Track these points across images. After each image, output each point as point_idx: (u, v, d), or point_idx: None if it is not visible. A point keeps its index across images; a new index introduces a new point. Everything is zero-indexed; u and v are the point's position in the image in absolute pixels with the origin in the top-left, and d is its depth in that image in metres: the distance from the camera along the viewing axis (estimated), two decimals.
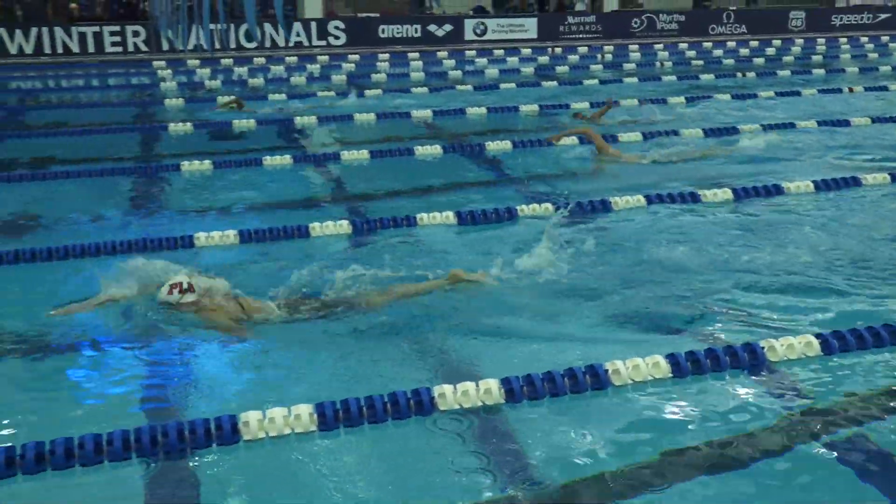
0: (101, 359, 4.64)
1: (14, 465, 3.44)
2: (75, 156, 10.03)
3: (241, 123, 11.84)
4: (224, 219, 7.24)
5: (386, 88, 15.73)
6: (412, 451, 3.74)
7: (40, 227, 7.25)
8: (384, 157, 9.61)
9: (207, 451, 3.62)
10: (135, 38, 22.61)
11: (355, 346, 4.73)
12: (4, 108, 14.52)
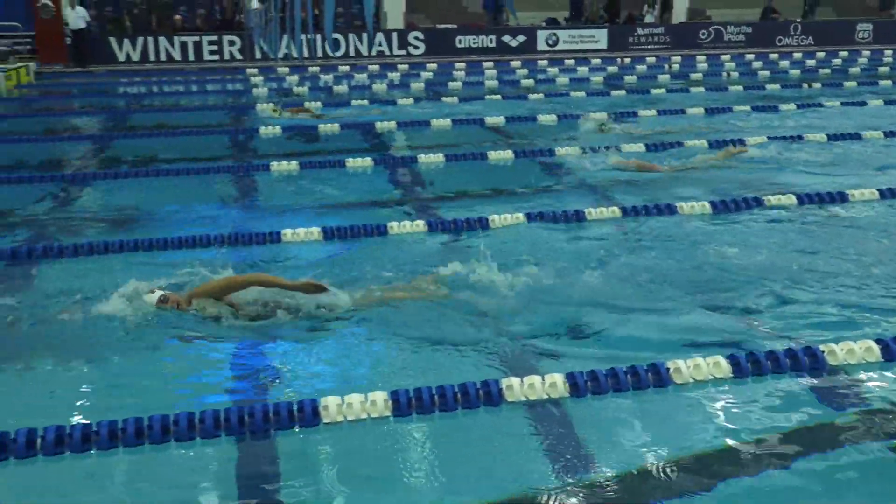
0: (192, 345, 4.72)
1: (116, 439, 3.56)
2: (175, 155, 10.29)
3: (326, 128, 11.99)
4: (309, 216, 7.33)
5: (461, 96, 15.74)
6: (480, 439, 3.74)
7: (143, 221, 7.44)
8: (458, 160, 9.61)
9: (290, 432, 3.68)
10: (230, 48, 23.14)
11: (429, 338, 4.74)
12: (114, 110, 14.98)
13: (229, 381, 4.37)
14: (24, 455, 3.47)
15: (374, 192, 8.50)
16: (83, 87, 18.51)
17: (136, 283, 5.08)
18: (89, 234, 6.83)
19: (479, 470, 3.46)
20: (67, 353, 4.56)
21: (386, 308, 5.06)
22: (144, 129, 12.60)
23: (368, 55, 23.66)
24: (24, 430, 3.52)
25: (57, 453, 3.49)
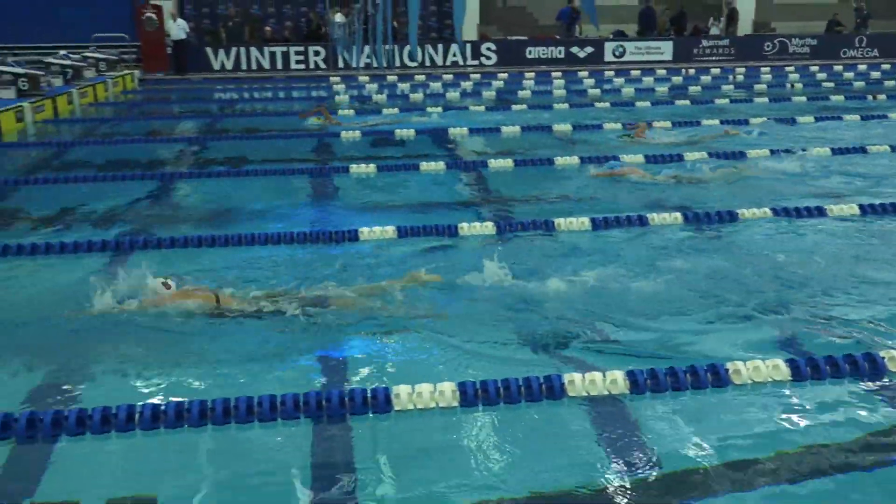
0: (273, 332, 4.82)
1: (205, 418, 3.66)
2: (263, 157, 10.50)
3: (402, 133, 12.08)
4: (385, 216, 7.40)
5: (531, 104, 15.67)
6: (541, 431, 3.72)
7: (232, 217, 7.61)
8: (527, 165, 9.58)
9: (363, 417, 3.73)
10: (315, 57, 23.50)
11: (496, 333, 4.74)
12: (208, 115, 15.38)
13: (307, 369, 4.43)
14: (123, 429, 3.60)
15: (447, 194, 8.52)
16: (181, 93, 19.05)
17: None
18: (184, 229, 7.02)
19: (539, 461, 3.44)
20: (162, 335, 4.71)
21: (458, 304, 5.08)
22: (235, 131, 12.90)
23: (443, 65, 23.75)
24: (125, 407, 3.65)
25: (153, 428, 3.61)
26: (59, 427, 3.58)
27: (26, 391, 4.10)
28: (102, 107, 16.80)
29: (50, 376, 4.30)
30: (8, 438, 3.53)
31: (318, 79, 21.42)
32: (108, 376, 4.32)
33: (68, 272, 5.88)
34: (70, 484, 3.34)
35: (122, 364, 4.42)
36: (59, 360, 4.47)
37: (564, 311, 4.98)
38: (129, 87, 20.01)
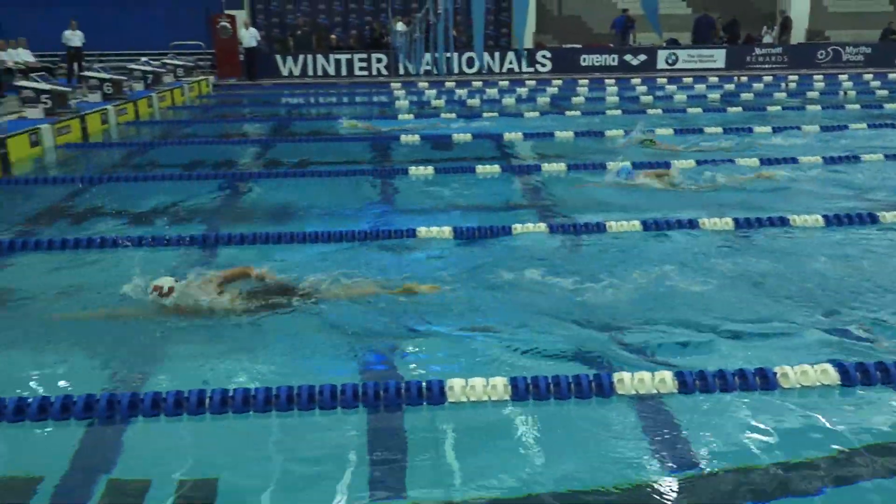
0: (336, 325, 4.87)
1: (270, 404, 3.73)
2: (328, 158, 10.65)
3: (459, 137, 12.10)
4: (442, 216, 7.41)
5: (584, 110, 15.53)
6: (590, 428, 3.68)
7: (297, 215, 7.72)
8: (579, 169, 9.49)
9: (418, 408, 3.75)
10: (378, 64, 23.70)
11: (548, 331, 4.71)
12: (277, 118, 15.63)
13: (366, 360, 4.47)
14: (194, 413, 3.69)
15: (501, 196, 8.50)
16: (252, 98, 19.41)
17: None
18: (253, 226, 7.14)
19: (586, 456, 3.41)
20: (232, 326, 4.80)
21: (512, 302, 5.07)
22: (301, 134, 13.06)
23: (499, 72, 23.71)
24: (196, 391, 3.74)
25: (222, 412, 3.69)
26: (136, 409, 3.69)
27: (107, 375, 4.23)
28: (179, 110, 17.22)
29: (126, 362, 4.42)
30: (90, 418, 3.65)
31: (379, 84, 21.60)
32: (181, 363, 4.42)
33: (145, 264, 6.04)
34: (143, 463, 3.43)
35: (192, 351, 4.53)
36: (134, 347, 4.58)
37: (614, 311, 4.92)
38: (204, 91, 20.47)
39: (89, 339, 4.66)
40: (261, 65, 22.90)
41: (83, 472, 3.32)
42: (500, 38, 26.97)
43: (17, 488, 3.20)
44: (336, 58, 23.66)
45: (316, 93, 20.31)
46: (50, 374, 4.25)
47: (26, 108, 12.85)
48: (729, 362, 4.10)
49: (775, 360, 4.04)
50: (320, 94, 19.94)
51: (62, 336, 4.69)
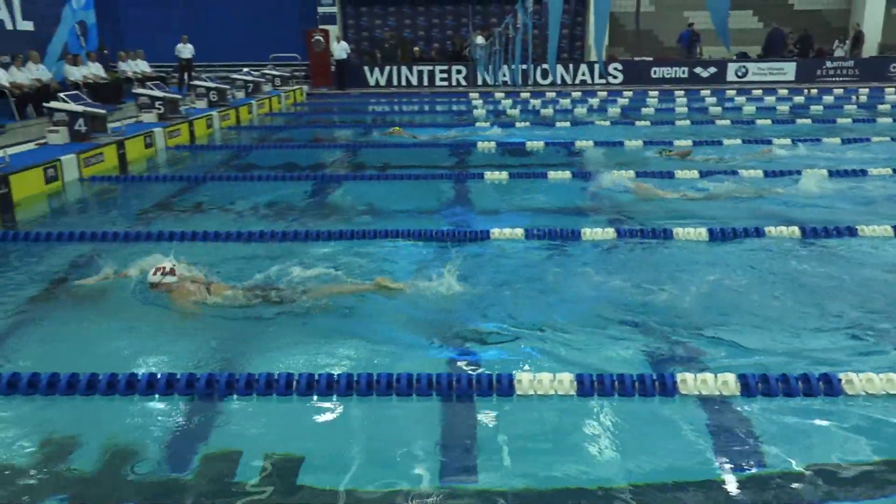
0: (413, 317, 4.90)
1: (351, 389, 3.78)
2: (409, 163, 10.74)
3: (532, 145, 12.01)
4: (514, 218, 7.37)
5: (654, 120, 15.19)
6: (653, 426, 3.59)
7: (381, 215, 7.81)
8: (647, 177, 9.29)
9: (488, 399, 3.74)
10: (458, 75, 23.79)
11: (613, 331, 4.62)
12: (363, 125, 15.86)
13: (440, 353, 4.48)
14: (283, 393, 3.77)
15: (571, 201, 8.39)
16: (341, 105, 19.76)
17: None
18: (339, 224, 7.26)
19: (647, 453, 3.32)
20: (321, 316, 4.89)
21: (580, 301, 5.00)
22: (385, 139, 13.20)
23: (572, 84, 23.44)
24: (285, 374, 3.83)
25: (308, 395, 3.76)
26: (232, 388, 3.79)
27: (206, 357, 4.37)
28: (276, 116, 17.68)
29: (224, 344, 4.56)
30: (191, 395, 3.78)
31: (458, 94, 21.65)
32: (273, 348, 4.51)
33: (243, 258, 6.22)
34: (236, 439, 3.52)
35: (283, 337, 4.62)
36: (233, 332, 4.72)
37: (680, 315, 4.79)
38: (299, 99, 20.95)
39: (193, 324, 4.82)
40: (350, 75, 23.28)
41: (183, 444, 3.43)
42: (574, 50, 26.67)
43: (126, 456, 3.33)
44: (419, 69, 23.86)
45: (399, 101, 20.51)
46: (157, 353, 4.41)
47: (142, 114, 13.42)
48: (792, 367, 3.93)
49: (840, 367, 3.86)
50: (403, 103, 20.12)
51: (168, 320, 4.87)
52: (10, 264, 6.12)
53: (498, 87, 20.30)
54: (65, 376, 3.81)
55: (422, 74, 23.80)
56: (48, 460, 3.29)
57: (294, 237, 6.68)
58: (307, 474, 3.17)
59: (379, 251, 6.33)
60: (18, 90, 14.15)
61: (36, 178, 8.80)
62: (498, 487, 3.07)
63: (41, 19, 16.40)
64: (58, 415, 3.69)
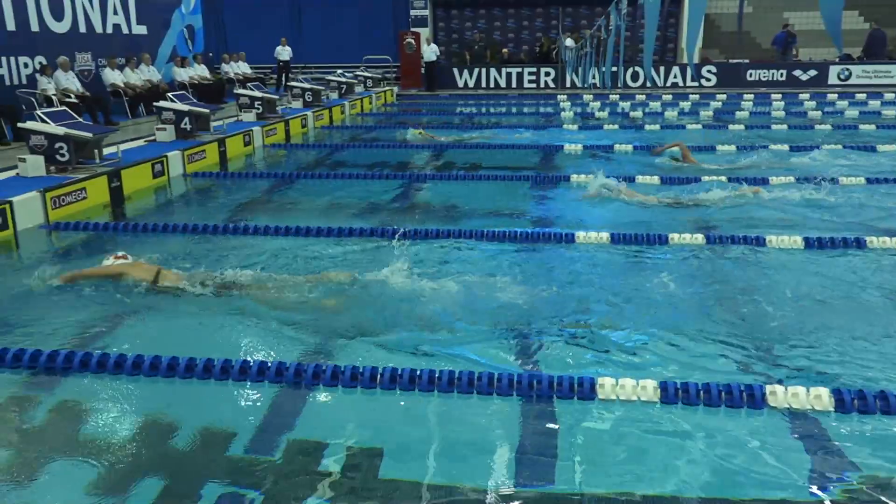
0: (494, 316, 4.89)
1: (433, 384, 3.82)
2: (495, 163, 10.73)
3: (621, 147, 11.79)
4: (600, 222, 7.26)
5: (748, 124, 14.63)
6: (738, 437, 3.45)
7: (466, 215, 7.83)
8: (740, 182, 8.95)
9: (570, 401, 3.70)
10: (546, 77, 23.59)
11: (700, 338, 4.48)
12: (452, 126, 15.93)
13: (522, 353, 4.46)
14: (367, 386, 3.84)
15: (659, 206, 8.17)
16: (430, 106, 19.93)
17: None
18: (427, 223, 7.33)
19: (731, 465, 3.20)
20: (408, 308, 4.95)
21: (665, 307, 4.88)
22: (473, 140, 13.23)
23: (663, 86, 22.85)
24: (370, 368, 3.90)
25: (391, 388, 3.82)
26: (318, 378, 3.90)
27: (296, 347, 4.49)
28: (367, 116, 18.02)
29: (315, 337, 4.67)
30: (280, 383, 3.90)
31: (546, 96, 21.48)
32: (358, 340, 4.60)
33: (330, 253, 6.38)
34: (319, 427, 3.60)
35: (367, 329, 4.70)
36: (321, 325, 4.84)
37: (771, 325, 4.60)
38: (389, 100, 21.28)
39: (283, 316, 4.97)
40: (439, 77, 23.46)
41: (271, 430, 3.54)
42: (666, 53, 25.99)
43: (217, 437, 3.47)
44: (507, 70, 23.80)
45: (487, 102, 20.52)
46: (247, 341, 4.58)
47: (242, 113, 13.95)
48: (893, 385, 3.71)
49: None
50: (491, 104, 20.12)
51: (261, 312, 5.04)
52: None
53: (587, 90, 20.01)
54: (165, 359, 4.01)
55: (510, 76, 23.74)
56: (147, 437, 3.47)
57: (381, 234, 6.79)
58: (387, 466, 3.21)
59: (460, 251, 6.36)
60: (132, 90, 14.97)
61: (145, 173, 9.30)
62: (573, 492, 3.03)
63: (153, 24, 17.30)
64: (159, 395, 3.89)
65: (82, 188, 8.07)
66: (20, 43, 12.94)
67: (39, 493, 3.04)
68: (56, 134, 8.46)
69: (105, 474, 3.15)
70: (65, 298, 5.18)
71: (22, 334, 4.62)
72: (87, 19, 14.87)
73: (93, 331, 4.70)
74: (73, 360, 4.04)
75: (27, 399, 3.87)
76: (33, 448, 3.40)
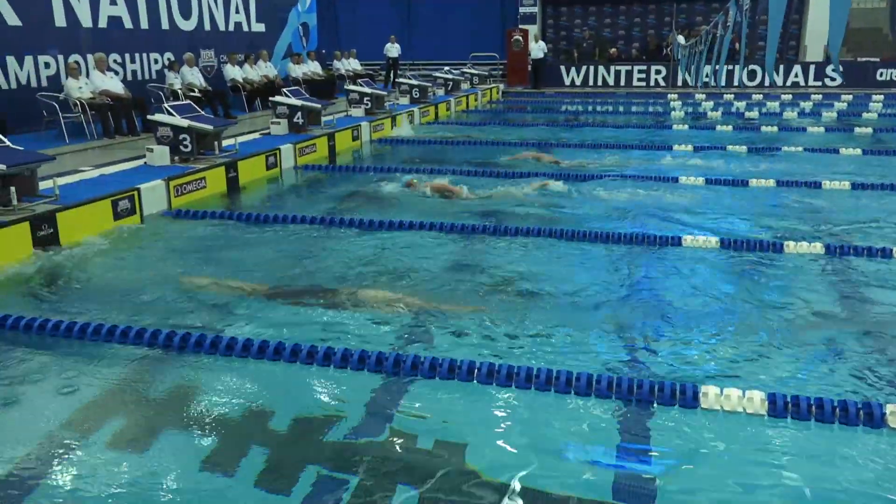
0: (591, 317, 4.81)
1: (530, 382, 3.81)
2: (601, 163, 10.54)
3: (734, 148, 11.31)
4: (710, 226, 7.01)
5: (877, 127, 13.70)
6: (853, 457, 3.26)
7: (565, 216, 7.74)
8: (864, 189, 8.42)
9: (670, 408, 3.59)
10: (656, 76, 22.93)
11: (814, 351, 4.25)
12: (557, 124, 15.77)
13: (624, 355, 4.37)
14: (464, 379, 3.88)
15: (775, 211, 7.80)
16: (535, 104, 19.78)
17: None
18: (529, 221, 7.30)
19: (843, 487, 3.02)
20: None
21: (777, 318, 4.66)
22: (574, 141, 13.01)
23: (783, 85, 21.73)
24: (466, 361, 3.93)
25: (488, 382, 3.84)
26: (416, 369, 3.96)
27: (395, 339, 4.59)
28: (472, 113, 18.10)
29: (416, 330, 4.76)
30: (379, 372, 3.99)
31: (656, 95, 20.88)
32: (449, 334, 4.64)
33: (424, 246, 6.46)
34: (406, 419, 3.66)
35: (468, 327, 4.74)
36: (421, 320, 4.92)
37: (892, 340, 4.30)
38: (494, 97, 21.29)
39: (384, 309, 5.08)
40: (546, 74, 23.25)
41: (370, 418, 3.63)
42: (787, 51, 24.69)
43: (316, 422, 3.59)
44: (616, 69, 23.29)
45: (594, 101, 20.15)
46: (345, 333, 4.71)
47: (352, 108, 14.33)
48: None
49: None
50: (598, 103, 19.76)
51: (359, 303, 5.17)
52: (237, 240, 6.82)
53: (699, 89, 19.30)
54: (272, 343, 4.19)
55: (619, 74, 23.22)
56: (253, 417, 3.64)
57: (483, 231, 6.82)
58: (474, 460, 3.22)
59: (563, 252, 6.29)
60: (249, 85, 15.68)
61: (259, 165, 9.73)
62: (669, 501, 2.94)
63: (271, 22, 18.05)
64: (266, 377, 4.07)
65: (202, 177, 8.53)
66: (152, 40, 13.82)
67: (150, 464, 3.25)
68: (181, 126, 8.98)
69: (213, 451, 3.33)
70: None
71: (146, 313, 4.94)
72: (212, 18, 15.69)
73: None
74: (188, 340, 4.29)
75: (146, 373, 4.13)
76: (148, 421, 3.63)
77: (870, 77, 21.30)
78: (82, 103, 11.02)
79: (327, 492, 3.00)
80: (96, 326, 4.48)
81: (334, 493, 2.99)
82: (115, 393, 3.89)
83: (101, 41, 12.43)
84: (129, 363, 4.19)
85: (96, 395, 3.86)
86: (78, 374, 4.09)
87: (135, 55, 13.46)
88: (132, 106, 11.73)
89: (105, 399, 3.82)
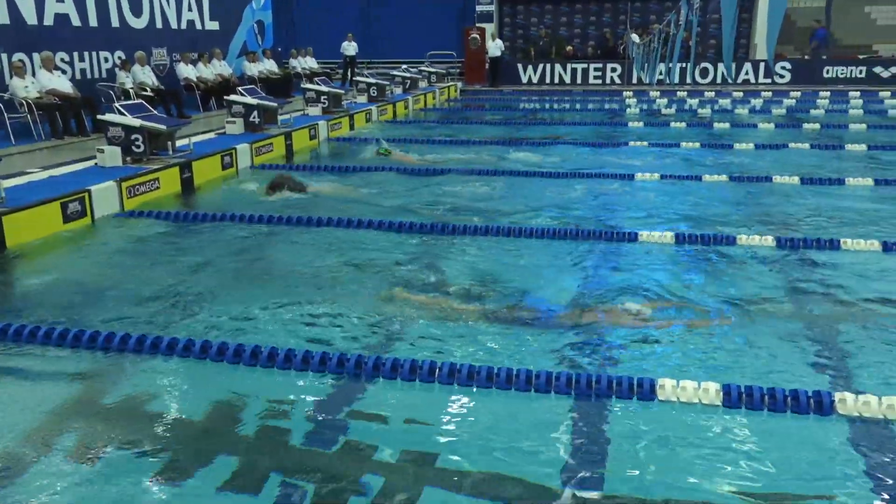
0: None
1: (491, 381, 3.81)
2: (555, 160, 10.63)
3: (687, 145, 11.52)
4: (664, 222, 7.12)
5: (823, 123, 14.10)
6: (804, 445, 3.36)
7: (527, 212, 7.80)
8: (814, 184, 8.66)
9: (628, 402, 3.64)
10: (612, 73, 23.24)
11: (768, 343, 4.36)
12: (513, 122, 15.86)
13: (578, 351, 4.42)
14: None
15: (726, 207, 7.97)
16: (493, 102, 19.87)
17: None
18: (495, 218, 7.34)
19: (794, 474, 3.10)
20: None
21: (732, 310, 4.76)
22: (534, 137, 13.11)
23: (734, 82, 22.21)
24: (427, 362, 3.93)
25: (449, 383, 3.84)
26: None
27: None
28: (430, 111, 18.09)
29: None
30: (341, 374, 3.98)
31: (611, 93, 21.16)
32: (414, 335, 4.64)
33: (386, 246, 6.44)
34: (376, 419, 3.64)
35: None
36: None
37: (840, 330, 4.44)
38: (452, 95, 21.32)
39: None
40: (503, 72, 23.37)
41: (329, 421, 3.60)
42: (738, 49, 25.23)
43: (280, 426, 3.56)
44: (573, 66, 23.54)
45: (551, 98, 20.34)
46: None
47: (309, 107, 14.21)
48: None
49: None
50: (555, 100, 19.94)
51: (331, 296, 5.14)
52: (192, 241, 6.70)
53: (653, 86, 19.61)
54: (231, 345, 4.13)
55: (575, 72, 23.46)
56: (220, 419, 3.59)
57: (442, 230, 6.82)
58: (441, 458, 3.23)
59: (524, 249, 6.34)
60: (203, 84, 15.43)
61: (214, 165, 9.58)
62: (627, 495, 2.98)
63: (225, 19, 17.77)
64: (234, 381, 4.01)
65: (156, 178, 8.37)
66: (101, 38, 13.49)
67: (104, 472, 3.17)
68: (132, 126, 8.79)
69: (171, 457, 3.27)
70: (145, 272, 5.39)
71: (106, 315, 4.83)
72: (164, 15, 15.38)
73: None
74: (143, 343, 4.21)
75: (100, 379, 4.04)
76: (100, 428, 3.55)
77: (817, 75, 21.91)
78: (29, 103, 10.72)
79: (287, 498, 2.97)
80: (47, 330, 4.36)
81: (295, 498, 2.97)
82: (66, 398, 3.79)
83: (47, 39, 12.08)
84: (80, 366, 4.09)
85: (45, 400, 3.76)
86: (23, 379, 3.98)
87: (83, 54, 13.12)
88: (81, 105, 11.45)
89: (56, 405, 3.72)
